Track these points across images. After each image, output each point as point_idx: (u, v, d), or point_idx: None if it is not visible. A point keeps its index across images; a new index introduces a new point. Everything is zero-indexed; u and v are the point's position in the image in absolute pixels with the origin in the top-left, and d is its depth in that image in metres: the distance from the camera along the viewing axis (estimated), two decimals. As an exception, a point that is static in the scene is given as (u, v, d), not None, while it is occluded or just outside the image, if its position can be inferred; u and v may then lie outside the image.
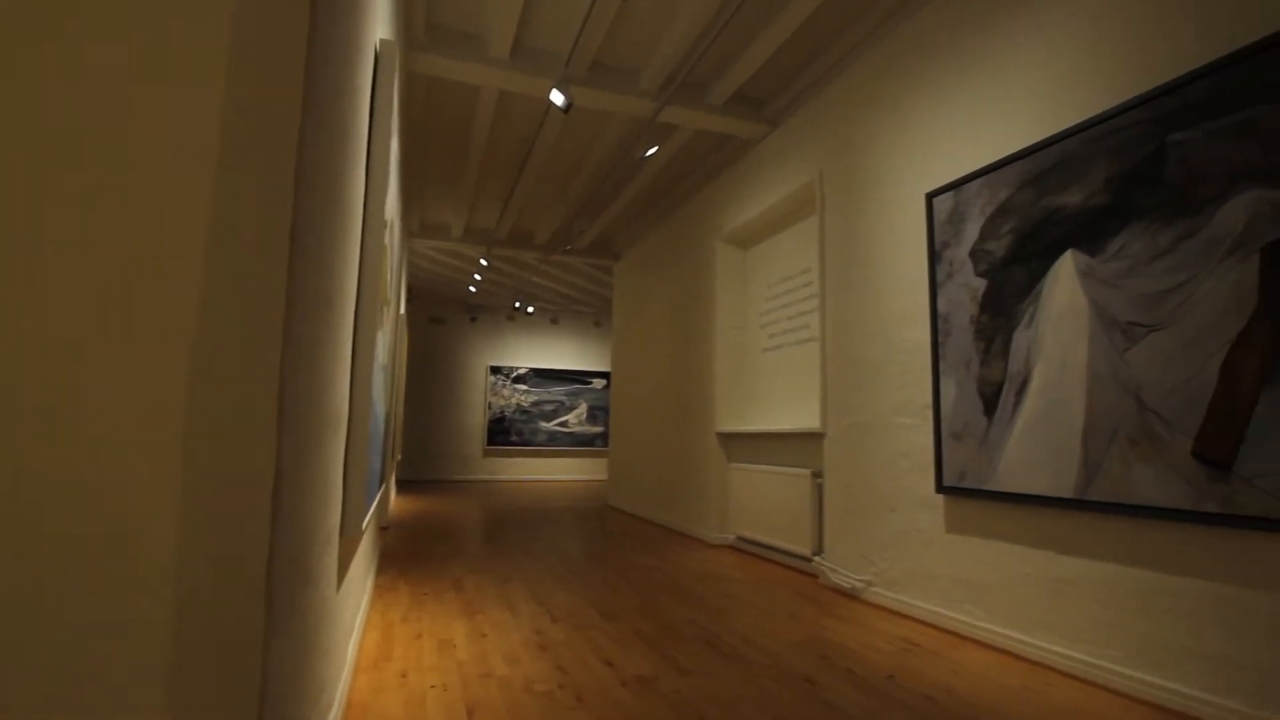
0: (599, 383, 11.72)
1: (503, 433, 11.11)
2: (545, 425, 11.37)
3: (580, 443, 11.56)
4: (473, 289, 9.60)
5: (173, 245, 0.65)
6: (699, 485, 5.24)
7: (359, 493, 1.72)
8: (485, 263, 7.75)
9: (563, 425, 11.47)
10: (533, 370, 11.40)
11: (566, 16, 3.54)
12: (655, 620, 2.83)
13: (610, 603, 3.12)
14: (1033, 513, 2.44)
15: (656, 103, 4.09)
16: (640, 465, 6.70)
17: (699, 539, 5.11)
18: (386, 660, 2.28)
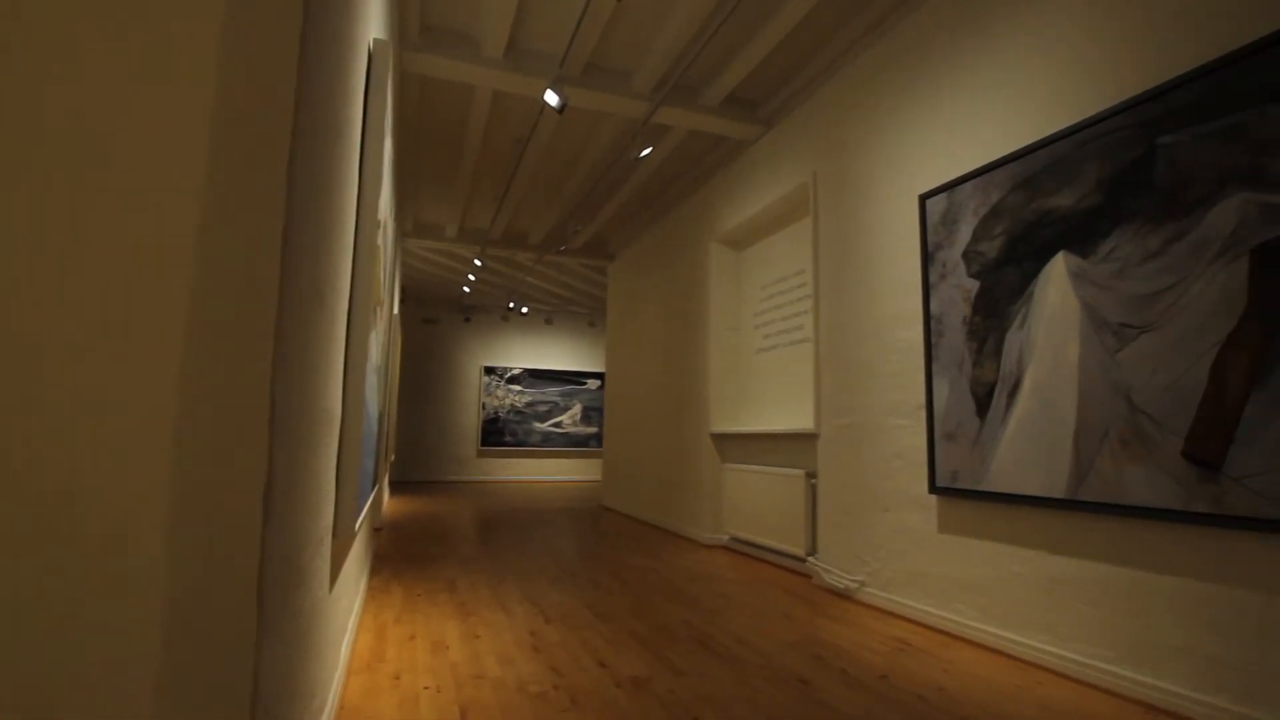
0: (593, 383, 11.72)
1: (497, 433, 11.09)
2: (539, 426, 11.35)
3: (574, 443, 11.55)
4: (467, 289, 9.58)
5: (163, 244, 0.64)
6: (693, 486, 5.24)
7: (351, 493, 1.71)
8: (479, 263, 7.74)
9: (557, 426, 11.46)
10: (527, 371, 11.38)
11: (561, 17, 3.54)
12: (649, 621, 2.83)
13: (604, 603, 3.11)
14: (1025, 513, 2.45)
15: (651, 104, 4.10)
16: (634, 466, 6.70)
17: (693, 539, 5.11)
18: (380, 662, 2.28)
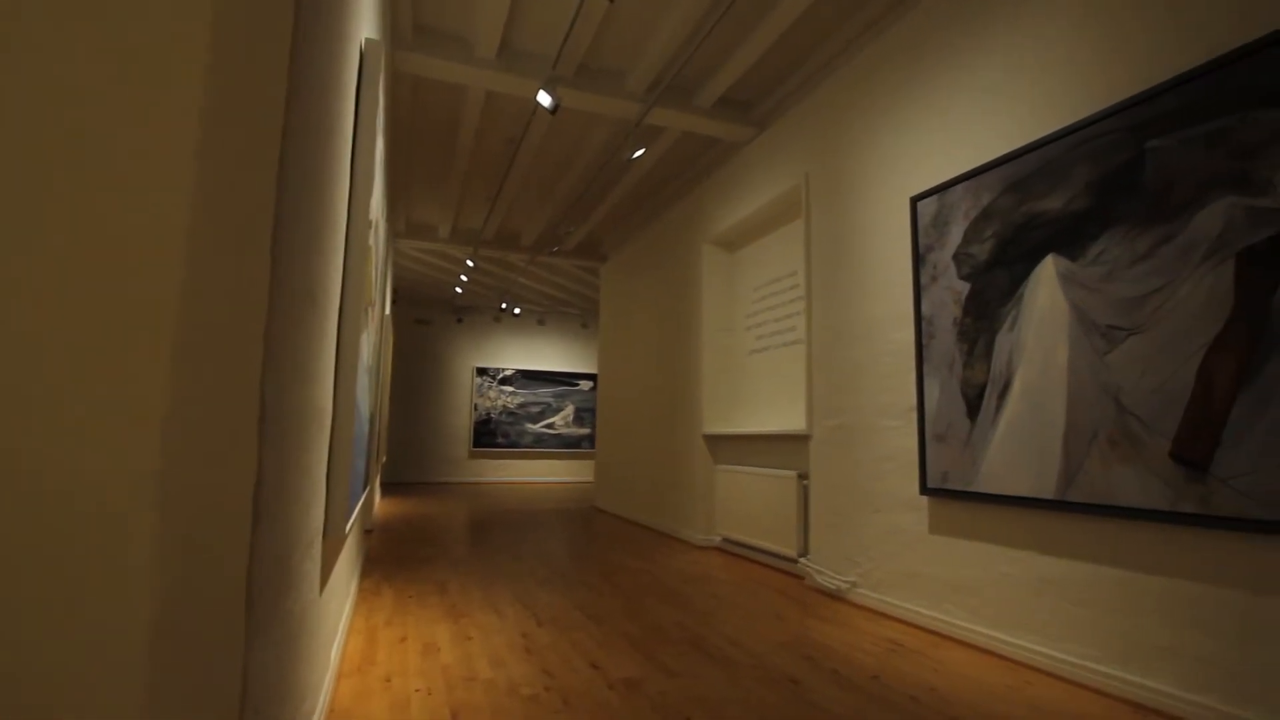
0: (586, 384, 11.71)
1: (489, 434, 11.06)
2: (532, 427, 11.33)
3: (567, 445, 11.53)
4: (459, 290, 9.56)
5: (153, 243, 0.64)
6: (685, 487, 5.25)
7: (342, 495, 1.70)
8: (471, 264, 7.72)
9: (549, 427, 11.44)
10: (519, 372, 11.36)
11: (554, 18, 3.54)
12: (641, 622, 2.82)
13: (596, 605, 3.11)
14: (1014, 514, 2.47)
15: (644, 105, 4.10)
16: (627, 467, 6.69)
17: (685, 541, 5.11)
18: (370, 664, 2.26)
